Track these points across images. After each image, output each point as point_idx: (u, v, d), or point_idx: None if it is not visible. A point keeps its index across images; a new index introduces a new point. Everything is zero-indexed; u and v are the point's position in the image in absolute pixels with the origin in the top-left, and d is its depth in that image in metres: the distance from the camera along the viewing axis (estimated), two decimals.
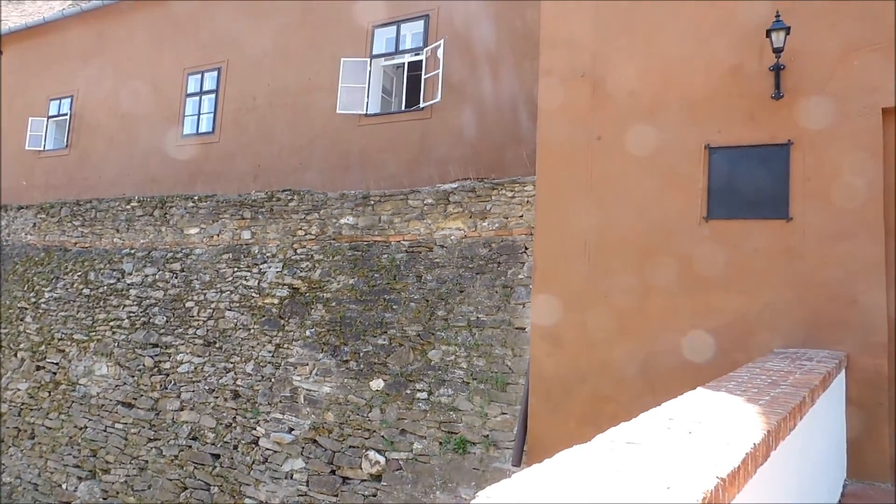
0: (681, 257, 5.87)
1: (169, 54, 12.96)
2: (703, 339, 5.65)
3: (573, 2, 6.58)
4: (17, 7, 17.64)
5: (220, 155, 11.89)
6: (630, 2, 6.26)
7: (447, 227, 7.82)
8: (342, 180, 10.03)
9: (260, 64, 11.75)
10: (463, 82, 9.76)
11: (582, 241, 6.38)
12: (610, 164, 6.22)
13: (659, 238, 5.98)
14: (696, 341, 5.68)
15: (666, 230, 5.96)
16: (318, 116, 10.88)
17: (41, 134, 14.60)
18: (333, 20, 11.03)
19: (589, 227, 6.33)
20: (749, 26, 5.88)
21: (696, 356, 5.65)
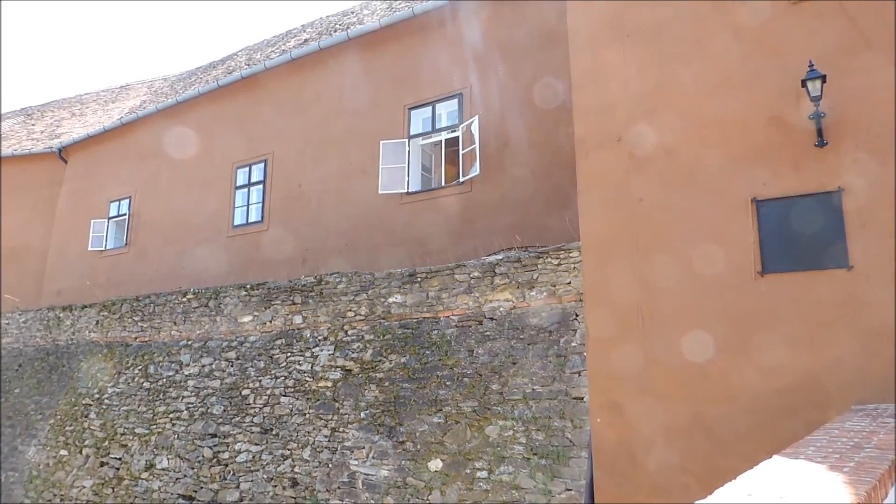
0: (739, 314, 5.68)
1: (218, 150, 13.65)
2: (773, 400, 5.38)
3: (603, 69, 6.71)
4: (80, 119, 18.99)
5: (270, 242, 12.27)
6: (660, 65, 6.35)
7: (495, 299, 7.80)
8: (388, 259, 10.18)
9: (303, 152, 12.26)
10: (500, 153, 9.94)
11: (633, 305, 6.26)
12: (655, 224, 6.16)
13: (713, 296, 5.82)
14: (765, 402, 5.41)
15: (720, 287, 5.80)
16: (361, 198, 11.18)
17: (103, 234, 15.37)
18: (371, 106, 11.51)
19: (639, 290, 6.21)
20: (783, 77, 5.88)
21: (767, 417, 5.37)
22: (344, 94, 12.03)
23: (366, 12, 13.54)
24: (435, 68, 10.97)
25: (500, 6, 10.49)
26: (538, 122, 9.76)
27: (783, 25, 5.97)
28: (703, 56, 6.19)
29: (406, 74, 11.28)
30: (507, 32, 10.41)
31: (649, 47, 6.42)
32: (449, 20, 10.98)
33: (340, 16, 14.58)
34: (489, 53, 10.48)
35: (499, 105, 10.17)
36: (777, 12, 6.00)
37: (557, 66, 9.28)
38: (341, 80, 12.16)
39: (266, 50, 15.07)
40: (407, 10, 11.22)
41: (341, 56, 12.20)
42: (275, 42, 15.58)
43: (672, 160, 6.15)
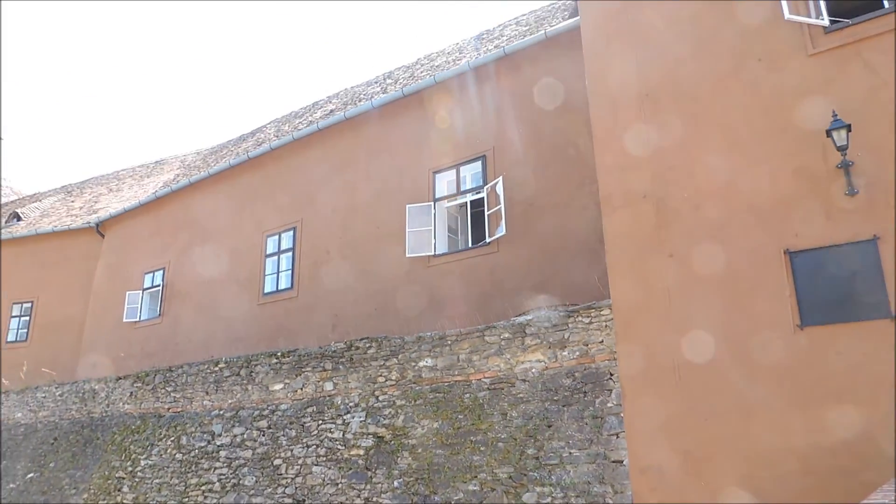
0: (781, 370, 5.51)
1: (249, 219, 13.97)
2: (825, 460, 5.14)
3: (624, 128, 6.79)
4: (117, 195, 19.68)
5: (300, 309, 12.36)
6: (682, 123, 6.40)
7: (527, 360, 7.69)
8: (417, 322, 10.16)
9: (331, 219, 12.47)
10: (525, 213, 10.00)
11: (669, 363, 6.11)
12: (686, 280, 6.08)
13: (752, 351, 5.67)
14: (816, 462, 5.17)
15: (758, 342, 5.65)
16: (388, 262, 11.27)
17: (137, 306, 15.65)
18: (397, 171, 11.74)
19: (674, 347, 6.08)
20: (807, 127, 5.87)
21: (819, 479, 5.12)
22: (370, 160, 12.32)
23: (389, 81, 13.99)
24: (458, 132, 11.21)
25: (520, 68, 10.76)
26: (562, 180, 9.83)
27: (803, 77, 6.01)
28: (725, 112, 6.23)
29: (430, 139, 11.53)
30: (528, 93, 10.64)
31: (670, 106, 6.49)
32: (470, 84, 11.29)
33: (364, 86, 15.08)
34: (511, 114, 10.69)
35: (522, 165, 10.29)
36: (796, 64, 6.05)
37: (579, 124, 9.41)
38: (367, 148, 12.47)
39: (294, 121, 15.58)
40: (428, 79, 11.57)
41: (366, 124, 12.55)
42: (302, 113, 16.12)
43: (700, 215, 6.11)
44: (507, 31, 12.88)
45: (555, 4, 12.91)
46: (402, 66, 14.94)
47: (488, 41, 12.76)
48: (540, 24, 11.85)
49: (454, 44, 14.56)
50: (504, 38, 12.18)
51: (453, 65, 12.01)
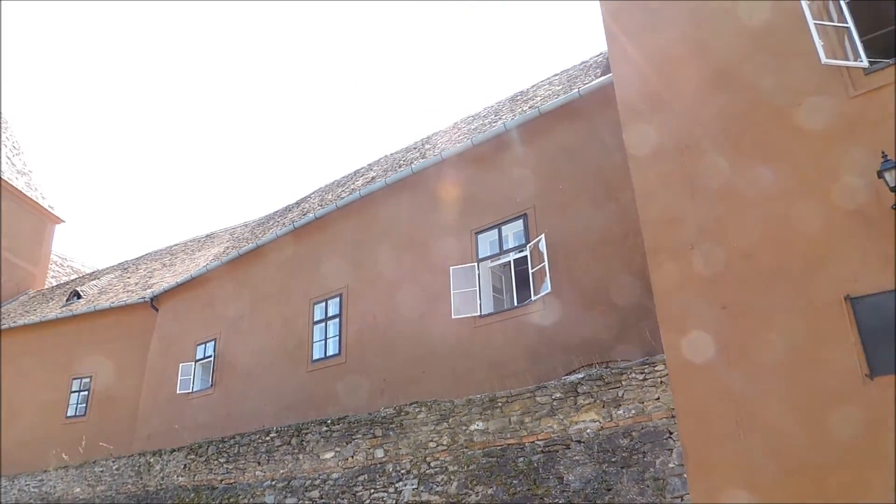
0: (853, 423, 5.21)
1: (296, 288, 14.23)
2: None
3: (666, 182, 6.76)
4: (170, 269, 20.36)
5: (348, 375, 12.37)
6: (725, 173, 6.34)
7: (581, 420, 7.48)
8: (466, 384, 10.04)
9: (376, 284, 12.61)
10: (570, 269, 9.93)
11: (730, 418, 5.86)
12: (742, 331, 5.89)
13: (820, 404, 5.40)
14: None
15: (825, 395, 5.39)
16: (434, 325, 11.26)
17: (190, 377, 15.92)
18: (439, 234, 11.87)
19: (735, 402, 5.84)
20: (856, 170, 5.75)
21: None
22: (412, 224, 12.50)
23: (427, 147, 14.33)
24: (498, 191, 11.33)
25: (556, 126, 10.90)
26: (605, 235, 9.78)
27: (847, 119, 5.92)
28: (770, 159, 6.16)
29: (470, 200, 11.67)
30: (565, 150, 10.74)
31: (711, 156, 6.46)
32: (508, 144, 11.47)
33: (403, 152, 15.46)
34: (550, 172, 10.78)
35: (564, 221, 10.30)
36: (839, 107, 5.98)
37: (619, 178, 9.41)
38: (408, 212, 12.68)
39: (336, 190, 16.00)
40: (466, 142, 11.81)
41: (407, 189, 12.81)
42: (344, 182, 16.56)
43: (751, 264, 5.97)
44: (540, 91, 13.13)
45: (586, 63, 13.16)
46: (440, 130, 15.31)
47: (522, 102, 13.02)
48: (573, 82, 12.06)
49: (489, 106, 14.90)
50: (538, 98, 12.41)
51: (490, 127, 12.26)
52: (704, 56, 6.95)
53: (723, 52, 6.80)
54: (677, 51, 7.19)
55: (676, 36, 7.24)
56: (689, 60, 7.06)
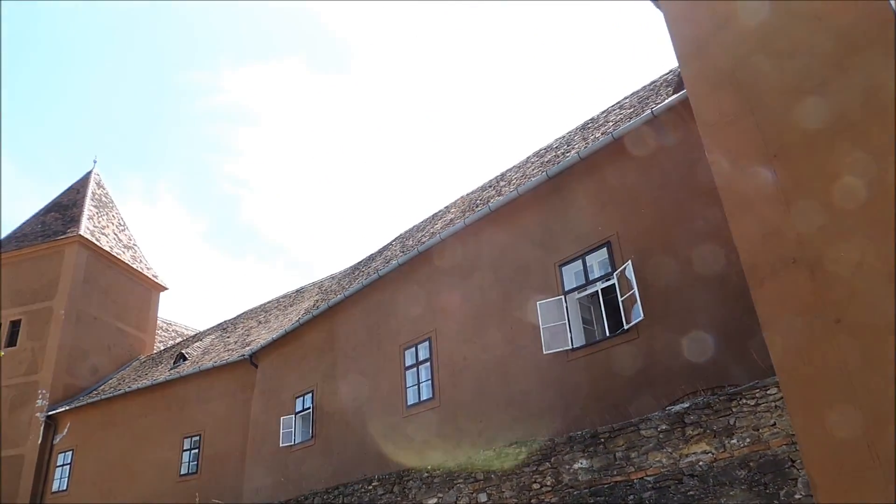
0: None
1: (386, 336, 14.43)
2: None
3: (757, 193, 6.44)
4: (265, 326, 21.18)
5: (444, 418, 12.33)
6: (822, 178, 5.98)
7: (691, 452, 7.08)
8: (565, 421, 9.78)
9: (464, 324, 12.60)
10: (662, 294, 9.58)
11: (860, 441, 5.38)
12: (863, 346, 5.44)
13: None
14: None
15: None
16: (526, 361, 11.10)
17: (291, 430, 16.32)
18: (522, 269, 11.78)
19: (864, 422, 5.36)
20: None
21: None
22: (494, 262, 12.48)
23: (502, 183, 14.37)
24: (578, 221, 11.18)
25: (632, 150, 10.69)
26: (695, 256, 9.41)
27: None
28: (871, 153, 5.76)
29: (551, 233, 11.56)
30: (643, 173, 10.49)
31: (803, 163, 6.12)
32: (584, 173, 11.33)
33: (479, 191, 15.57)
34: (630, 197, 10.54)
35: (650, 245, 10.00)
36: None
37: (704, 195, 9.08)
38: (490, 250, 12.68)
39: (416, 235, 16.26)
40: (541, 175, 11.76)
41: (488, 228, 12.83)
42: (423, 226, 16.81)
43: (864, 273, 5.55)
44: (611, 116, 12.97)
45: (656, 82, 12.92)
46: (514, 166, 15.35)
47: (594, 129, 12.88)
48: (644, 103, 11.85)
49: (560, 137, 14.83)
50: (610, 124, 12.25)
51: (563, 157, 12.17)
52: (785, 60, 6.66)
53: (804, 54, 6.50)
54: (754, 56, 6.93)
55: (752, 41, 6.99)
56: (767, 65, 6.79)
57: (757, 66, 6.75)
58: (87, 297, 25.31)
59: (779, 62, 6.56)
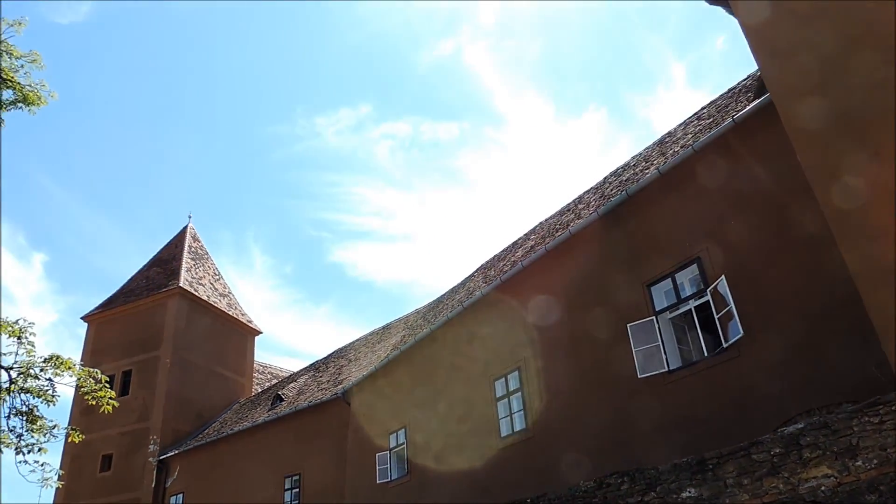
0: None
1: (474, 368, 14.34)
2: None
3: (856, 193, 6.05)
4: (355, 364, 21.59)
5: (539, 449, 12.06)
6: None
7: (811, 476, 6.57)
8: (667, 448, 9.33)
9: (553, 352, 12.36)
10: (762, 308, 9.08)
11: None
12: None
13: None
14: None
15: None
16: (621, 386, 10.74)
17: (387, 466, 16.41)
18: (609, 291, 11.47)
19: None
20: None
21: None
22: (579, 287, 12.23)
23: (580, 206, 14.16)
24: (664, 239, 10.83)
25: (715, 161, 10.31)
26: (793, 264, 8.90)
27: None
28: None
29: (636, 252, 11.24)
30: (729, 184, 10.08)
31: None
32: (665, 188, 11.00)
33: (558, 216, 15.41)
34: (717, 210, 10.13)
35: (743, 258, 9.54)
36: None
37: (797, 200, 8.62)
38: (575, 275, 12.44)
39: (498, 264, 16.23)
40: (621, 194, 11.52)
41: (570, 252, 12.63)
42: (503, 255, 16.77)
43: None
44: (689, 128, 12.59)
45: (734, 89, 12.48)
46: (591, 187, 15.13)
47: (672, 143, 12.54)
48: (723, 112, 11.44)
49: (636, 154, 14.52)
50: (689, 136, 11.90)
51: (641, 175, 11.89)
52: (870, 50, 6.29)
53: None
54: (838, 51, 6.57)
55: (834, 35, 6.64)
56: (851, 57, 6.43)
57: (847, 66, 6.41)
58: (189, 346, 26.71)
59: (871, 58, 6.21)
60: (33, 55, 11.15)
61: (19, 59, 11.08)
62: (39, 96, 11.35)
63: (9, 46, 10.85)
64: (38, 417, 9.99)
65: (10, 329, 9.65)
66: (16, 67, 11.07)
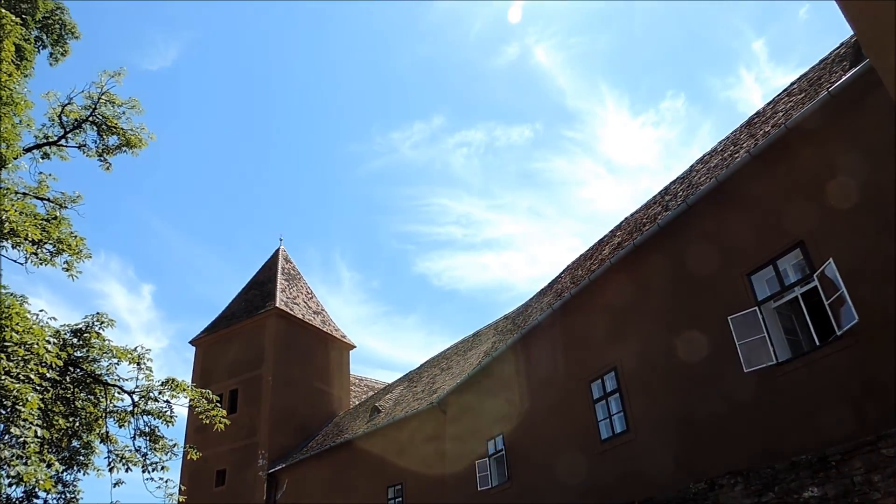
0: None
1: (568, 371, 14.10)
2: None
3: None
4: (448, 372, 21.74)
5: (642, 451, 11.69)
6: None
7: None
8: (781, 444, 8.80)
9: (648, 350, 11.98)
10: (879, 290, 8.42)
11: None
12: None
13: None
14: None
15: None
16: (725, 382, 10.25)
17: (487, 473, 16.38)
18: (706, 283, 11.01)
19: None
20: None
21: None
22: (673, 281, 11.81)
23: (668, 198, 13.69)
24: (762, 225, 10.29)
25: (812, 137, 9.72)
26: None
27: None
28: None
29: (732, 241, 10.74)
30: (830, 160, 9.47)
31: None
32: (759, 171, 10.45)
33: (644, 209, 14.97)
34: (818, 190, 9.51)
35: (851, 239, 8.92)
36: None
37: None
38: (666, 270, 12.04)
39: (585, 264, 15.93)
40: (711, 182, 11.06)
41: (660, 246, 12.24)
42: (590, 254, 16.45)
43: None
44: (779, 106, 11.93)
45: (826, 59, 11.73)
46: (678, 178, 14.63)
47: (762, 123, 11.91)
48: (815, 86, 10.77)
49: (724, 139, 13.91)
50: (779, 115, 11.27)
51: (732, 159, 11.35)
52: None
53: None
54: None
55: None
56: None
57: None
58: (289, 363, 27.78)
59: None
60: (132, 101, 12.03)
61: (121, 106, 11.97)
62: (140, 139, 12.23)
63: (111, 96, 11.75)
64: (159, 437, 10.67)
65: (129, 356, 10.37)
66: (118, 114, 11.97)
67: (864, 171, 8.94)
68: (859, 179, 8.99)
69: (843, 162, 9.29)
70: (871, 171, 8.84)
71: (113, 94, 11.90)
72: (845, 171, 9.21)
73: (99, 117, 11.91)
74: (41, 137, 12.01)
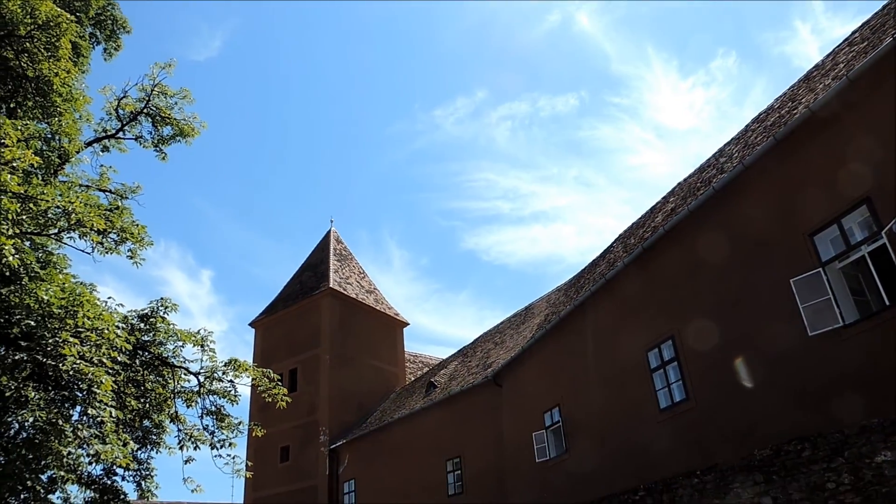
0: None
1: (624, 339, 13.93)
2: None
3: None
4: (502, 346, 21.79)
5: (703, 419, 11.50)
6: None
7: None
8: (850, 409, 8.49)
9: (707, 317, 11.70)
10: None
11: None
12: None
13: None
14: None
15: None
16: (789, 347, 9.94)
17: (545, 445, 16.43)
18: (764, 247, 10.67)
19: None
20: None
21: None
22: (731, 245, 11.44)
23: (723, 159, 13.25)
24: (823, 182, 9.87)
25: (880, 85, 9.21)
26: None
27: None
28: None
29: (792, 201, 10.34)
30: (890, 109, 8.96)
31: None
32: (819, 130, 10.00)
33: (698, 173, 14.54)
34: (884, 141, 9.03)
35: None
36: None
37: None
38: (723, 235, 11.65)
39: (637, 232, 15.62)
40: (769, 140, 10.63)
41: (716, 211, 11.85)
42: (642, 222, 16.11)
43: None
44: (839, 57, 11.34)
45: (889, 5, 11.05)
46: (732, 139, 14.14)
47: (821, 77, 11.35)
48: (880, 32, 10.16)
49: (780, 95, 13.35)
50: (840, 66, 10.71)
51: (790, 116, 10.88)
52: None
53: None
54: None
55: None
56: None
57: None
58: (345, 341, 28.35)
59: None
60: (184, 91, 12.34)
61: (172, 97, 12.29)
62: (193, 128, 12.55)
63: (163, 87, 12.07)
64: (225, 416, 11.08)
65: (193, 339, 10.76)
66: (171, 105, 12.29)
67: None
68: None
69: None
70: None
71: (165, 85, 12.24)
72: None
73: (153, 108, 12.28)
74: (100, 131, 12.47)
